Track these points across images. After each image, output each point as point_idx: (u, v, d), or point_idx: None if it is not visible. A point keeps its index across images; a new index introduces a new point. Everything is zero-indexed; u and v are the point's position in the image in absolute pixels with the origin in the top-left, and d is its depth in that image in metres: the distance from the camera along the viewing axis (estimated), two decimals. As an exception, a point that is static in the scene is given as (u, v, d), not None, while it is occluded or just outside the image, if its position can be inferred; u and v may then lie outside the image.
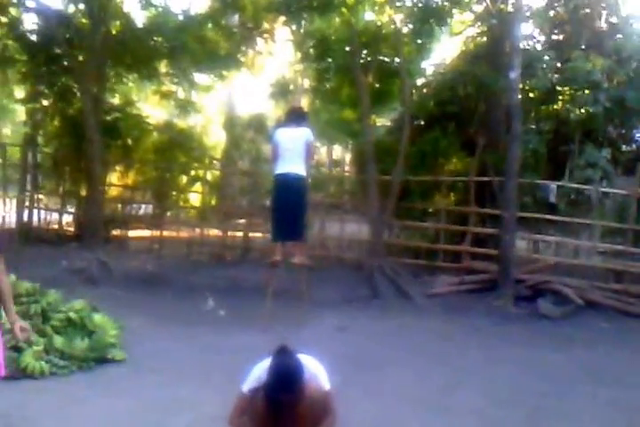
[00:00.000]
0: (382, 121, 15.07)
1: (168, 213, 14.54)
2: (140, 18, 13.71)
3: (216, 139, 18.44)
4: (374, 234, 11.09)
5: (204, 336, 7.64)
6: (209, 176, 14.81)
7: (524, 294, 9.82)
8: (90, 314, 6.74)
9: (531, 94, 11.91)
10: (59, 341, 6.18)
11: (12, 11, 12.97)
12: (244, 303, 9.29)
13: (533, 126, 11.75)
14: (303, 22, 12.43)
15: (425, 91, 13.35)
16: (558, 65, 11.92)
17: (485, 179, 11.31)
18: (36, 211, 13.77)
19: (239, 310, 9.05)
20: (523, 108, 10.17)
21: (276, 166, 8.25)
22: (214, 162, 15.31)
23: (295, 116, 8.51)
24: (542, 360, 7.21)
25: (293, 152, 8.08)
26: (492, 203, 11.27)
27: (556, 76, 11.88)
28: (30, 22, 13.22)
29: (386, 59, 12.84)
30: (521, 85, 10.33)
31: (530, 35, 12.68)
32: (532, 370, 6.77)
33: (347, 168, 17.04)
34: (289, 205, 8.18)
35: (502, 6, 11.61)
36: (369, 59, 12.23)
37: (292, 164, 8.08)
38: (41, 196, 14.22)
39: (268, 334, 7.52)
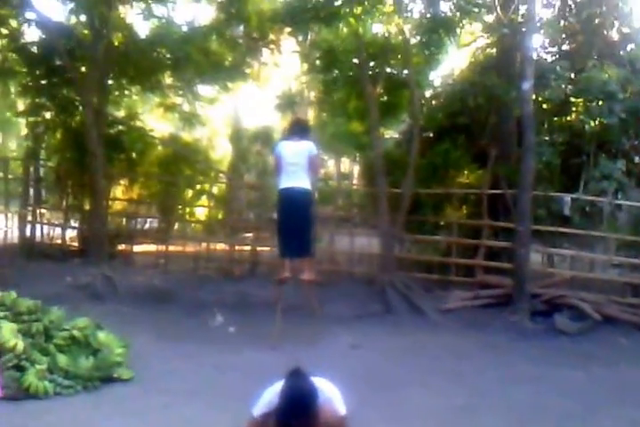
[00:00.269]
0: (390, 133, 14.92)
1: (174, 228, 14.44)
2: (143, 29, 13.70)
3: (222, 152, 18.33)
4: (385, 248, 10.93)
5: (213, 354, 7.50)
6: (215, 190, 14.72)
7: (540, 309, 9.67)
8: (94, 332, 6.60)
9: (543, 106, 11.73)
10: (62, 360, 6.04)
11: (13, 22, 12.87)
12: (253, 320, 9.16)
13: (547, 138, 11.58)
14: (309, 33, 12.32)
15: (434, 102, 13.21)
16: (571, 76, 11.79)
17: (498, 191, 11.18)
18: (38, 226, 13.58)
19: (248, 326, 8.90)
20: (535, 120, 10.03)
21: (279, 181, 8.20)
22: (220, 175, 15.16)
23: (298, 129, 8.46)
24: (562, 378, 7.03)
25: (297, 166, 8.02)
26: (505, 216, 11.15)
27: (570, 86, 11.72)
28: (31, 34, 13.20)
29: (394, 70, 12.63)
30: (533, 96, 10.16)
31: (541, 45, 12.57)
32: (552, 389, 6.60)
33: (355, 181, 16.97)
34: (294, 221, 8.09)
35: (513, 16, 11.46)
36: (377, 70, 12.01)
37: (296, 178, 8.02)
38: (44, 210, 14.05)
39: (279, 351, 7.47)
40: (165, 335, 8.23)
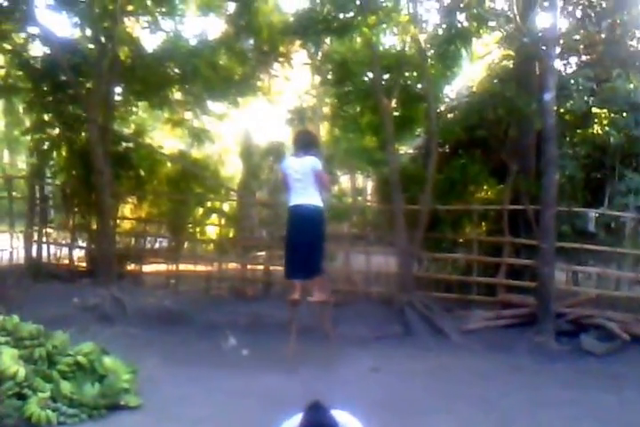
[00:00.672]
0: (404, 149, 14.77)
1: (184, 247, 14.19)
2: (150, 43, 13.58)
3: (233, 169, 18.25)
4: (403, 266, 10.75)
5: (225, 379, 7.29)
6: (226, 207, 14.54)
7: (566, 329, 9.41)
8: (100, 357, 6.39)
9: (565, 117, 11.49)
10: (67, 387, 5.82)
11: (16, 37, 12.80)
12: (267, 342, 8.92)
13: (569, 151, 11.34)
14: (321, 45, 12.27)
15: (450, 115, 13.02)
16: (594, 86, 11.59)
17: (519, 207, 10.94)
18: (45, 246, 13.42)
19: (263, 349, 8.68)
20: (557, 132, 9.81)
21: (289, 198, 8.05)
22: (231, 192, 15.01)
23: (302, 143, 8.25)
24: (593, 402, 6.77)
25: (304, 182, 7.87)
26: (526, 232, 10.92)
27: (592, 98, 11.51)
28: (35, 49, 13.10)
29: (409, 83, 12.54)
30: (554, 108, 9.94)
31: (560, 56, 12.35)
32: (583, 413, 6.35)
33: (368, 197, 16.79)
34: (303, 240, 7.85)
35: (532, 26, 11.31)
36: (391, 83, 11.80)
37: (305, 195, 7.87)
38: (50, 230, 13.89)
39: (295, 376, 7.29)
40: (176, 359, 8.08)
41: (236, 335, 9.32)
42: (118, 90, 13.13)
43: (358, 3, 10.91)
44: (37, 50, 13.21)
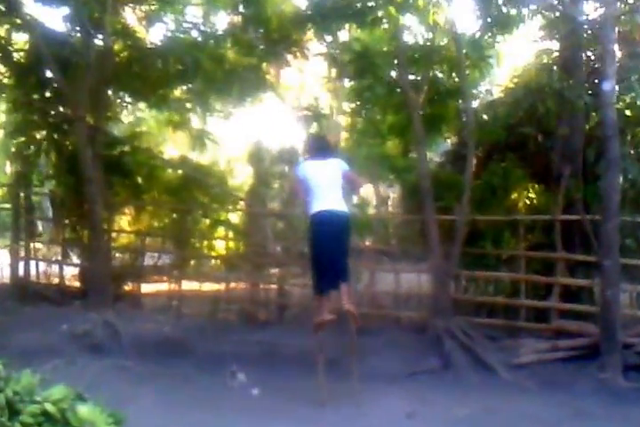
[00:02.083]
0: (430, 155, 14.08)
1: (188, 264, 13.63)
2: (148, 36, 12.98)
3: (242, 176, 17.69)
4: (438, 287, 10.02)
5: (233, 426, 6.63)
6: (235, 219, 14.02)
7: (634, 363, 8.54)
8: (74, 404, 5.44)
9: (625, 112, 10.66)
10: (30, 443, 4.88)
11: (-1, 29, 12.22)
12: (283, 378, 8.32)
13: (631, 151, 10.55)
14: (339, 33, 11.81)
15: (488, 113, 12.20)
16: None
17: (575, 217, 10.05)
18: (33, 262, 12.84)
19: (278, 387, 7.99)
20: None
21: (310, 205, 7.72)
22: (240, 202, 14.35)
23: (320, 147, 8.22)
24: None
25: (330, 187, 7.69)
26: (583, 247, 10.09)
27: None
28: (20, 41, 12.58)
29: (439, 76, 11.80)
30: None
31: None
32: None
33: (390, 208, 16.22)
34: (333, 248, 7.55)
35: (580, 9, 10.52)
36: (419, 76, 11.18)
37: (330, 200, 7.63)
38: (39, 245, 13.43)
39: (318, 423, 6.70)
40: (173, 399, 7.41)
41: (246, 369, 8.53)
42: (112, 87, 12.51)
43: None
44: (23, 42, 12.65)
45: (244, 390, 8.05)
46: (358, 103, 12.96)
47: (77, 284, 13.07)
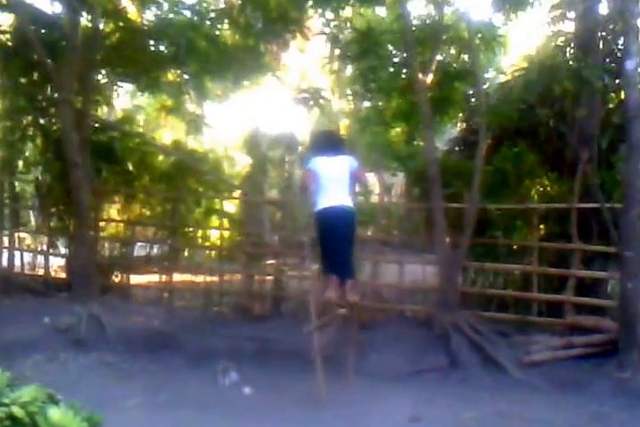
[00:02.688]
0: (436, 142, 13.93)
1: (180, 255, 13.47)
2: (139, 16, 12.67)
3: (238, 162, 17.69)
4: (445, 279, 9.75)
5: (222, 428, 6.41)
6: (230, 208, 13.91)
7: (655, 361, 8.17)
8: (45, 408, 5.09)
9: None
10: (-5, 451, 4.52)
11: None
12: (278, 376, 8.20)
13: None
14: (341, 10, 11.48)
15: (499, 95, 11.92)
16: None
17: (593, 205, 9.71)
18: (17, 253, 12.57)
19: (272, 386, 7.87)
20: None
21: (317, 200, 7.99)
22: (236, 190, 14.23)
23: (331, 143, 8.44)
24: None
25: (339, 183, 8.00)
26: (601, 237, 9.75)
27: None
28: (5, 23, 12.35)
29: (447, 57, 11.77)
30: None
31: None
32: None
33: (396, 196, 15.92)
34: (340, 243, 7.86)
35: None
36: (426, 56, 10.88)
37: (338, 196, 7.92)
38: (23, 234, 13.20)
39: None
40: (160, 399, 7.24)
41: (239, 366, 8.37)
42: (102, 70, 12.48)
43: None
44: (8, 24, 12.40)
45: (236, 389, 7.90)
46: (361, 86, 12.67)
47: (64, 275, 12.90)
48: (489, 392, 7.74)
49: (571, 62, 10.44)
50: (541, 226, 10.53)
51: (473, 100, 11.83)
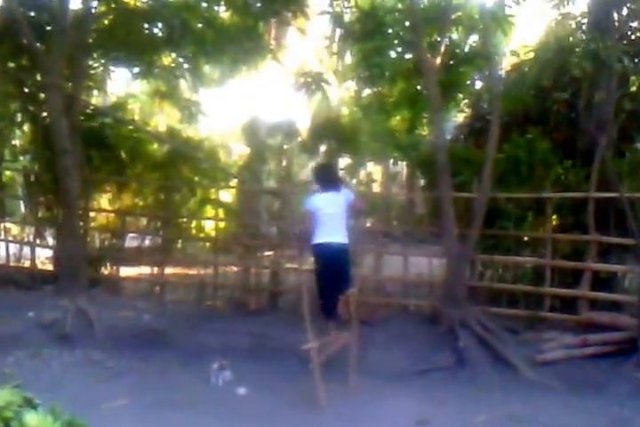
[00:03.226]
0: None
1: (173, 246, 13.30)
2: None
3: (235, 151, 17.69)
4: (452, 273, 9.61)
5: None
6: (226, 198, 13.76)
7: (676, 361, 7.98)
8: (21, 412, 4.84)
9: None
10: (-35, 460, 4.26)
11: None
12: (275, 375, 8.09)
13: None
14: None
15: (513, 78, 11.82)
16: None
17: (611, 195, 9.44)
18: (3, 244, 12.52)
19: (268, 386, 7.69)
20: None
21: (316, 235, 8.40)
22: (232, 179, 14.08)
23: (327, 178, 8.82)
24: None
25: (336, 218, 8.42)
26: (619, 229, 9.49)
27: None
28: None
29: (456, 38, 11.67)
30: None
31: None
32: None
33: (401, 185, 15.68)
34: (335, 277, 8.27)
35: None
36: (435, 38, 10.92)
37: (333, 232, 8.36)
38: (9, 225, 13.16)
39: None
40: (149, 400, 6.98)
41: (233, 364, 8.15)
42: (93, 54, 12.32)
43: None
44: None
45: (230, 389, 7.71)
46: (365, 69, 12.41)
47: (51, 267, 12.79)
48: (498, 393, 7.58)
49: (588, 43, 10.27)
50: (554, 216, 10.32)
51: (483, 84, 11.60)
